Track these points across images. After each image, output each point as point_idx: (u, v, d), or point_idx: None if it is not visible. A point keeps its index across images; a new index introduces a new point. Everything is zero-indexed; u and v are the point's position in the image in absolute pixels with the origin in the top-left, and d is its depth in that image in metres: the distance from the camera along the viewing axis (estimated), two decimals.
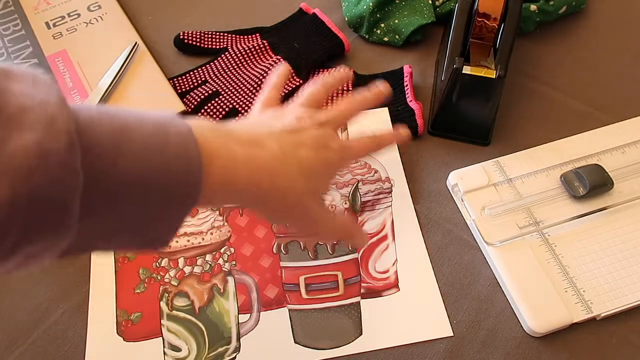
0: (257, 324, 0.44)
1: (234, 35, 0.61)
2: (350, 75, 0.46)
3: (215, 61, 0.59)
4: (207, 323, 0.44)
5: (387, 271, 0.46)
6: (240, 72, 0.58)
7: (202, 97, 0.56)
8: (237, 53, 0.59)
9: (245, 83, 0.57)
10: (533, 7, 0.58)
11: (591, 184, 0.47)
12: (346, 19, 0.62)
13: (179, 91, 0.56)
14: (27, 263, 0.25)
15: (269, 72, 0.57)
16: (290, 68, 0.55)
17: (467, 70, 0.48)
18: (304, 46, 0.59)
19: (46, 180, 0.22)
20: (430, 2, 0.60)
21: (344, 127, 0.51)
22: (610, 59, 0.60)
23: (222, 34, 0.61)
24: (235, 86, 0.57)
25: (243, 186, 0.32)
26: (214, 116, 0.55)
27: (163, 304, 0.45)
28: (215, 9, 0.65)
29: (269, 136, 0.35)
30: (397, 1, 0.60)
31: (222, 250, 0.47)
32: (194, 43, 0.60)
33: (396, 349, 0.43)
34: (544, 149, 0.51)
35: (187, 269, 0.47)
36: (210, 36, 0.61)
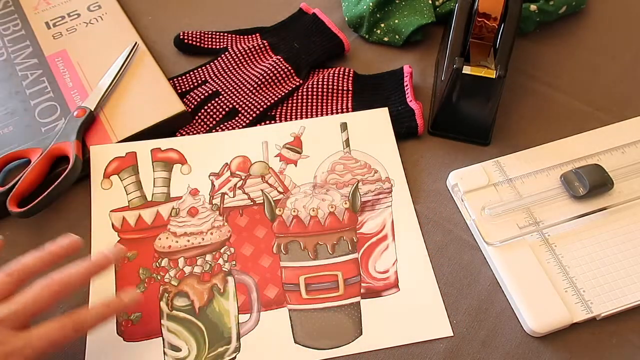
0: (257, 324, 0.44)
1: (234, 35, 0.61)
2: (77, 246, 0.40)
3: (215, 61, 0.59)
4: (207, 323, 0.44)
5: (387, 271, 0.46)
6: (240, 72, 0.58)
7: (202, 97, 0.56)
8: (237, 53, 0.59)
9: (245, 83, 0.57)
10: (533, 7, 0.58)
11: (591, 184, 0.47)
12: (346, 19, 0.62)
13: (179, 91, 0.56)
14: None
15: (269, 72, 0.57)
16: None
17: (467, 70, 0.48)
18: (304, 46, 0.59)
19: None
20: (430, 2, 0.60)
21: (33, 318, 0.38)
22: (610, 59, 0.60)
23: (222, 34, 0.61)
24: (235, 86, 0.57)
25: None
26: (214, 116, 0.55)
27: (163, 304, 0.45)
28: (215, 9, 0.65)
29: None
30: (397, 1, 0.60)
31: (222, 250, 0.47)
32: (194, 43, 0.60)
33: (396, 349, 0.43)
34: (544, 149, 0.51)
35: (187, 269, 0.47)
36: (210, 36, 0.61)
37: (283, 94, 0.56)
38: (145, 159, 0.51)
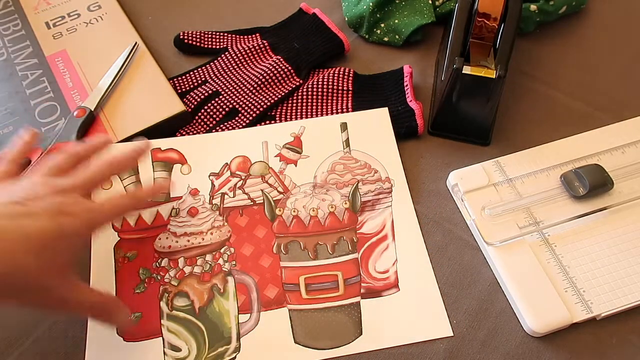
0: (257, 324, 0.44)
1: (234, 35, 0.61)
2: (110, 142, 0.44)
3: (215, 61, 0.59)
4: (207, 323, 0.44)
5: (387, 271, 0.46)
6: (240, 72, 0.58)
7: (202, 97, 0.56)
8: (237, 53, 0.59)
9: (245, 83, 0.57)
10: (533, 7, 0.58)
11: (591, 184, 0.47)
12: (346, 19, 0.62)
13: (179, 91, 0.56)
14: None
15: (269, 72, 0.57)
16: (36, 131, 0.45)
17: (467, 70, 0.48)
18: (304, 46, 0.59)
19: None
20: (430, 2, 0.60)
21: (96, 190, 0.42)
22: (610, 59, 0.60)
23: (222, 34, 0.61)
24: (235, 86, 0.57)
25: None
26: (214, 116, 0.55)
27: (163, 304, 0.45)
28: (215, 9, 0.65)
29: None
30: (397, 1, 0.60)
31: (222, 250, 0.47)
32: (194, 43, 0.60)
33: (396, 349, 0.43)
34: (544, 149, 0.51)
35: (187, 269, 0.47)
36: (210, 36, 0.61)
37: (283, 94, 0.56)
38: (145, 159, 0.51)
